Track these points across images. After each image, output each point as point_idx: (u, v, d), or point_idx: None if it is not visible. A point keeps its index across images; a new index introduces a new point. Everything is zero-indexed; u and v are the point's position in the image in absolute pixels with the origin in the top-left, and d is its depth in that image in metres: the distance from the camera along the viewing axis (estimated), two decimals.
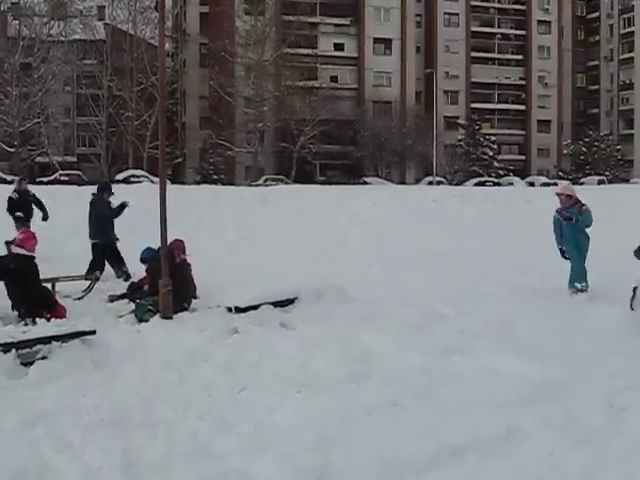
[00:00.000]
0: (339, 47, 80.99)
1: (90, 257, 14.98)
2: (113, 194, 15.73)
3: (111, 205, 15.43)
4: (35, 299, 10.40)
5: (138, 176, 58.58)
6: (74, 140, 78.52)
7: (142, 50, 70.60)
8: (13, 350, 7.72)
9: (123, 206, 15.38)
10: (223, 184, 54.75)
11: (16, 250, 10.65)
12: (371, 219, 28.03)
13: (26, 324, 9.70)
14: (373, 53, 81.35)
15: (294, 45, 72.47)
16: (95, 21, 76.95)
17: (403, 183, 69.93)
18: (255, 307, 10.33)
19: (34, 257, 10.78)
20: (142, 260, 11.81)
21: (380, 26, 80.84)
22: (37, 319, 9.81)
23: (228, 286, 12.58)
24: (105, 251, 14.98)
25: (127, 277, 14.36)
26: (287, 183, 60.36)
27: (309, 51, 76.21)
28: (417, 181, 72.59)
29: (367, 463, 5.51)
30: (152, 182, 50.12)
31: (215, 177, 67.25)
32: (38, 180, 58.52)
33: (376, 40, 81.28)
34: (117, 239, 15.18)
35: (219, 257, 17.64)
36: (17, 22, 69.79)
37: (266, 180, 63.18)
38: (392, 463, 5.51)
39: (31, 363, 7.73)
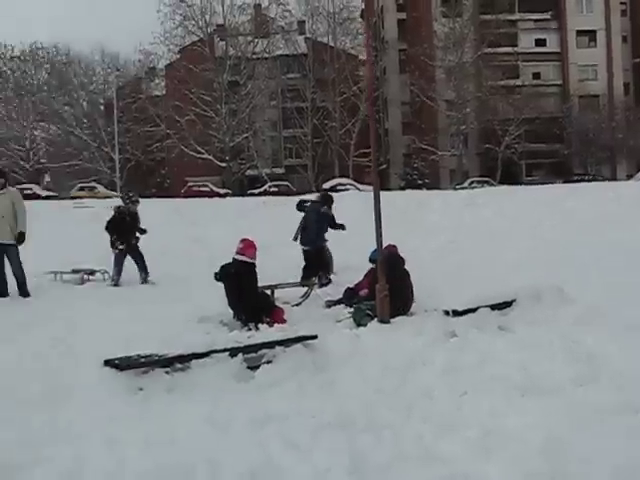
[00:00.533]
0: (540, 43, 79.09)
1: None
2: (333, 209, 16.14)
3: (328, 216, 15.78)
4: (254, 305, 10.81)
5: (344, 184, 59.51)
6: (281, 152, 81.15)
7: (343, 60, 72.03)
8: (240, 354, 7.99)
9: (342, 227, 15.81)
10: (428, 189, 54.68)
11: (238, 257, 11.16)
12: (584, 217, 27.14)
13: (249, 329, 10.09)
14: (576, 46, 78.78)
15: (494, 44, 71.46)
16: (296, 36, 79.11)
17: (614, 179, 67.21)
18: (473, 310, 10.19)
19: (254, 264, 11.23)
20: (371, 260, 12.07)
21: (583, 18, 78.19)
22: (259, 325, 10.19)
23: (441, 289, 12.54)
24: (315, 257, 15.35)
25: (328, 282, 14.66)
26: (493, 185, 59.50)
27: (509, 49, 74.92)
28: (629, 177, 69.37)
29: (599, 469, 5.29)
30: (358, 190, 50.90)
31: (420, 182, 67.29)
32: (249, 192, 61.06)
33: (579, 33, 78.66)
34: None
35: (428, 261, 17.59)
36: (223, 43, 73.01)
37: (471, 183, 62.56)
38: (627, 471, 5.26)
39: (257, 367, 7.96)
